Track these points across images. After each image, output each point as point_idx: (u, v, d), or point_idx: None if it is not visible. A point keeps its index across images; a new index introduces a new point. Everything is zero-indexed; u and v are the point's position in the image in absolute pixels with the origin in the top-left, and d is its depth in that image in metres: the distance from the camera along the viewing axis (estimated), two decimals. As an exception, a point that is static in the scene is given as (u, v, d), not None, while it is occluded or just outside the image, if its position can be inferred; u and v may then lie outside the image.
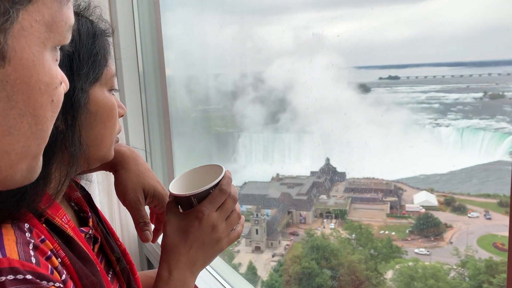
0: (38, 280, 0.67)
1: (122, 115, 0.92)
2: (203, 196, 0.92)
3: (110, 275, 0.92)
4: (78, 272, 0.80)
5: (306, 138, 2.44)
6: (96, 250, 0.92)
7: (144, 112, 1.79)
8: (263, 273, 2.42)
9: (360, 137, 2.32)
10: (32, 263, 0.68)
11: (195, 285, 0.97)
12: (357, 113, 2.37)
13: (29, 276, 0.66)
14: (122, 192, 1.00)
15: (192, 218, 0.90)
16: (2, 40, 0.46)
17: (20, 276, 0.65)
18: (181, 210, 0.94)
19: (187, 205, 0.93)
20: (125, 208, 1.03)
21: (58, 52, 0.56)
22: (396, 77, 2.35)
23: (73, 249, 0.81)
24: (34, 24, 0.49)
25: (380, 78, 2.39)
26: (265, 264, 2.42)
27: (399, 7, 1.83)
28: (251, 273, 2.42)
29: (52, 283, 0.68)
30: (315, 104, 2.24)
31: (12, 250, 0.68)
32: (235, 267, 2.43)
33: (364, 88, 2.38)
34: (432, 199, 2.25)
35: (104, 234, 0.97)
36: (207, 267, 1.50)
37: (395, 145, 2.33)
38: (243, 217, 0.98)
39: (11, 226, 0.71)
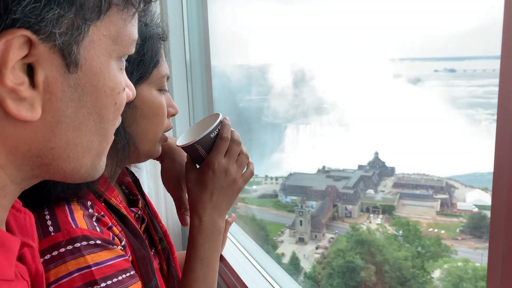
0: (106, 244, 0.80)
1: (173, 115, 1.00)
2: (206, 143, 0.97)
3: (152, 252, 1.00)
4: (132, 245, 0.91)
5: (355, 130, 2.39)
6: (142, 229, 0.99)
7: (190, 101, 1.83)
8: (306, 265, 2.42)
9: (411, 132, 2.25)
10: (97, 231, 0.81)
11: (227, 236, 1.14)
12: (409, 107, 2.30)
13: (98, 241, 0.79)
14: (167, 180, 1.08)
15: (205, 170, 0.98)
16: (76, 50, 0.54)
17: (92, 242, 0.78)
18: (198, 167, 1.01)
19: (197, 156, 0.99)
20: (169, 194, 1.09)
21: (124, 62, 0.64)
22: (452, 70, 2.25)
23: (127, 226, 0.92)
24: (102, 38, 0.57)
25: (436, 71, 2.29)
26: (308, 256, 2.42)
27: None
28: (294, 264, 2.42)
29: (116, 246, 0.82)
30: (366, 96, 2.20)
31: (81, 222, 0.80)
32: (278, 257, 2.45)
33: (418, 81, 2.29)
34: (487, 199, 2.14)
35: (150, 216, 1.05)
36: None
37: (448, 140, 2.23)
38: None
39: (77, 203, 0.84)
